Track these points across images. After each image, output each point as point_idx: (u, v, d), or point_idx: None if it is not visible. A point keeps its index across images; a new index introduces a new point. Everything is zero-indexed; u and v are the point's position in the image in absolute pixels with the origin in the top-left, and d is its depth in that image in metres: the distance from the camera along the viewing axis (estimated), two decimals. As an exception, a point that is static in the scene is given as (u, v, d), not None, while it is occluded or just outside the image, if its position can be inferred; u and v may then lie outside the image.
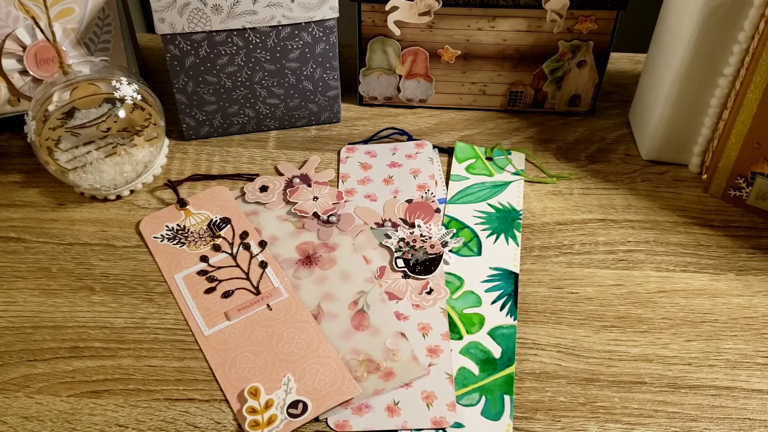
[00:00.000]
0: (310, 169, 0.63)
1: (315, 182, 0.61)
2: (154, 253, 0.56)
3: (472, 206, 0.59)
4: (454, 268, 0.54)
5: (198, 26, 0.59)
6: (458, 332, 0.51)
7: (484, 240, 0.56)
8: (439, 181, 0.61)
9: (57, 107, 0.56)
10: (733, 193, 0.59)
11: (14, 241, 0.57)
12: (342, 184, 0.62)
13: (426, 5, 0.63)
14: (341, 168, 0.63)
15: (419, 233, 0.57)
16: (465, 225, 0.58)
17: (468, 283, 0.53)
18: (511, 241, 0.56)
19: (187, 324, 0.51)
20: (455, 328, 0.51)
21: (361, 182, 0.62)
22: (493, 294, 0.53)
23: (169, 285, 0.54)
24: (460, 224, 0.58)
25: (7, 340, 0.50)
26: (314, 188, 0.61)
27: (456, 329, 0.51)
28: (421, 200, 0.59)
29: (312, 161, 0.64)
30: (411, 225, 0.57)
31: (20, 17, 0.60)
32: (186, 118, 0.65)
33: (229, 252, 0.56)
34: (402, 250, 0.55)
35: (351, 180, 0.62)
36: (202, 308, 0.52)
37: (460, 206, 0.59)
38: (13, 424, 0.46)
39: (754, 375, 0.48)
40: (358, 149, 0.65)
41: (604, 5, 0.62)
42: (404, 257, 0.55)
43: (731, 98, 0.57)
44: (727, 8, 0.54)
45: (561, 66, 0.66)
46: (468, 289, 0.53)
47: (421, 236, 0.56)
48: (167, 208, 0.60)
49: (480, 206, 0.59)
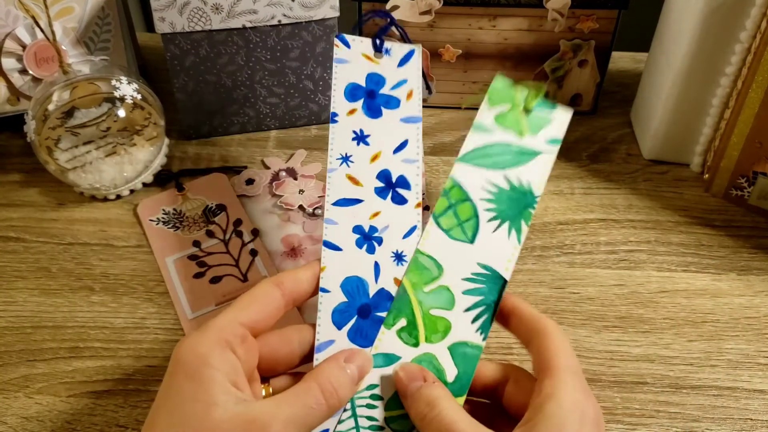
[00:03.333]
0: (297, 162, 0.63)
1: (301, 176, 0.62)
2: (148, 236, 0.57)
3: (485, 172, 0.45)
4: (436, 251, 0.43)
5: (198, 25, 0.59)
6: (416, 337, 0.40)
7: (483, 223, 0.44)
8: (416, 91, 0.47)
9: (57, 106, 0.56)
10: (735, 193, 0.59)
11: (14, 241, 0.57)
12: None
13: (427, 4, 0.63)
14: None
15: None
16: (469, 197, 0.44)
17: (447, 276, 0.42)
18: (514, 236, 0.44)
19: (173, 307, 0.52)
20: (413, 330, 0.41)
21: None
22: (471, 299, 0.42)
23: (159, 267, 0.54)
24: (464, 194, 0.44)
25: (7, 340, 0.50)
26: (300, 181, 0.61)
27: (414, 332, 0.41)
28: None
29: (298, 155, 0.64)
30: None
31: (20, 16, 0.60)
32: (186, 118, 0.65)
33: (222, 238, 0.56)
34: None
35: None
36: (189, 292, 0.53)
37: (473, 168, 0.45)
38: (12, 424, 0.45)
39: (756, 375, 0.48)
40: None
41: (606, 4, 0.62)
42: None
43: (733, 97, 0.56)
44: (729, 7, 0.53)
45: (562, 65, 0.66)
46: (444, 284, 0.42)
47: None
48: (165, 192, 0.61)
49: (494, 176, 0.45)
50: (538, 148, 0.46)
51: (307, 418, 0.34)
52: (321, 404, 0.35)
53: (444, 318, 0.41)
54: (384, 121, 0.46)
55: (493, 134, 0.46)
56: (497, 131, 0.46)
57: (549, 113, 0.47)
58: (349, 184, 0.44)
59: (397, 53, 0.48)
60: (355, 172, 0.44)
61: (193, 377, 0.33)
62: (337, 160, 0.44)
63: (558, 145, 0.46)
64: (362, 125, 0.45)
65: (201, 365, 0.33)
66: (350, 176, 0.44)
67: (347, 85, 0.46)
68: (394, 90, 0.47)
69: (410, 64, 0.47)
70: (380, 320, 0.41)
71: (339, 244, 0.42)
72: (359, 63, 0.47)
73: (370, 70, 0.47)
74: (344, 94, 0.46)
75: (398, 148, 0.45)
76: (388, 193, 0.44)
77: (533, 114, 0.47)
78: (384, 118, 0.46)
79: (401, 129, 0.46)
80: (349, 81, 0.46)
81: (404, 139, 0.45)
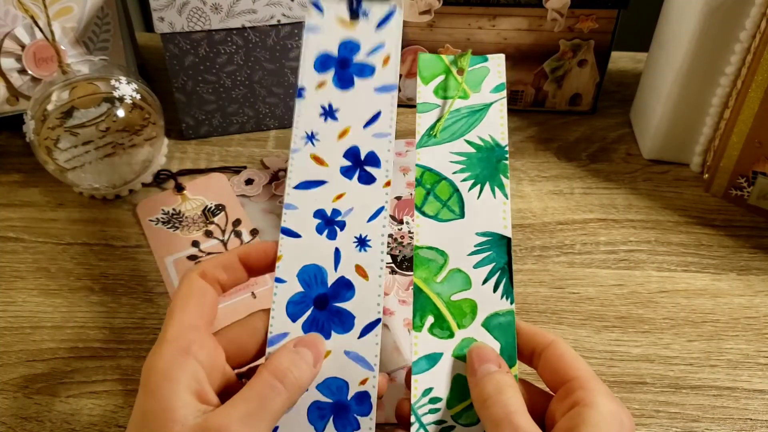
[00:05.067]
0: None
1: None
2: (147, 236, 0.57)
3: (447, 146, 0.44)
4: (434, 240, 0.42)
5: (197, 25, 0.59)
6: (448, 328, 0.39)
7: (465, 194, 0.43)
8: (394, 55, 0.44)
9: (56, 106, 0.56)
10: (734, 193, 0.59)
11: (13, 241, 0.57)
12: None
13: (426, 4, 0.63)
14: None
15: (407, 230, 0.57)
16: (442, 176, 0.43)
17: (453, 259, 0.41)
18: (499, 193, 0.42)
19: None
20: (443, 322, 0.40)
21: None
22: (484, 270, 0.41)
23: (158, 267, 0.54)
24: (437, 175, 0.43)
25: (6, 341, 0.50)
26: None
27: (445, 324, 0.40)
28: (410, 197, 0.59)
29: None
30: (399, 222, 0.57)
31: (19, 16, 0.60)
32: (185, 118, 0.65)
33: (221, 239, 0.56)
34: (390, 246, 0.55)
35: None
36: None
37: (433, 149, 0.44)
38: (12, 424, 0.45)
39: (756, 375, 0.48)
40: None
41: (605, 4, 0.62)
42: (392, 253, 0.55)
43: (733, 97, 0.56)
44: (729, 7, 0.53)
45: (562, 65, 0.66)
46: (454, 267, 0.41)
47: (409, 233, 0.56)
48: (165, 192, 0.61)
49: (456, 146, 0.44)
50: (486, 101, 0.45)
51: (266, 406, 0.33)
52: (276, 387, 0.34)
53: (467, 299, 0.40)
54: (356, 92, 0.43)
55: (439, 108, 0.45)
56: (442, 102, 0.45)
57: (483, 65, 0.47)
58: (313, 164, 0.41)
59: (376, 14, 0.44)
60: (321, 150, 0.42)
61: (153, 394, 0.33)
62: (302, 139, 0.42)
63: (503, 90, 0.45)
64: (331, 99, 0.42)
65: (161, 380, 0.33)
66: (315, 156, 0.42)
67: (318, 55, 0.43)
68: (370, 56, 0.43)
69: (390, 26, 0.44)
70: (338, 311, 0.39)
71: (298, 230, 0.40)
72: (332, 30, 0.43)
73: (344, 37, 0.43)
74: (314, 65, 0.43)
75: (370, 121, 0.42)
76: (355, 172, 0.41)
77: (469, 72, 0.46)
78: (356, 89, 0.43)
79: (374, 99, 0.42)
80: (319, 51, 0.43)
81: (377, 110, 0.42)
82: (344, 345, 0.38)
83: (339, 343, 0.38)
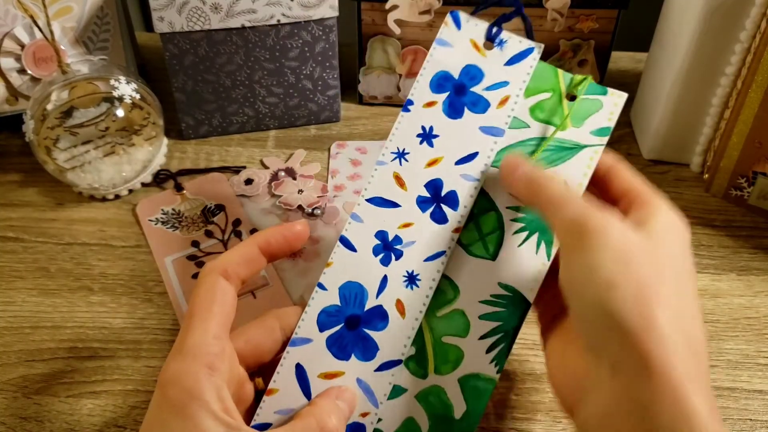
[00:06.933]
0: (296, 162, 0.63)
1: (300, 175, 0.61)
2: (147, 236, 0.57)
3: None
4: (452, 270, 0.38)
5: (197, 25, 0.59)
6: (425, 367, 0.37)
7: (508, 237, 0.38)
8: (513, 98, 0.40)
9: (55, 106, 0.56)
10: (734, 193, 0.59)
11: (12, 241, 0.57)
12: (331, 179, 0.61)
13: (426, 4, 0.63)
14: (331, 163, 0.63)
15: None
16: (493, 206, 0.38)
17: (463, 299, 0.38)
18: (543, 250, 0.37)
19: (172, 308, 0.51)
20: (423, 360, 0.37)
21: (350, 178, 0.61)
22: (488, 325, 0.37)
23: (158, 267, 0.54)
24: (488, 202, 0.39)
25: (6, 341, 0.50)
26: (299, 181, 0.61)
27: (423, 362, 0.37)
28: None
29: (297, 155, 0.64)
30: None
31: (18, 16, 0.60)
32: (185, 117, 0.65)
33: (220, 239, 0.56)
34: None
35: (340, 176, 0.62)
36: (188, 292, 0.52)
37: (498, 173, 0.39)
38: (11, 424, 0.45)
39: (756, 375, 0.48)
40: (348, 145, 0.64)
41: (606, 4, 0.62)
42: None
43: (733, 97, 0.56)
44: (729, 7, 0.53)
45: (562, 65, 0.66)
46: (458, 308, 0.38)
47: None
48: (164, 192, 0.60)
49: None
50: (581, 141, 0.39)
51: None
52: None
53: (456, 346, 0.37)
54: (462, 123, 0.40)
55: (529, 128, 0.40)
56: (533, 125, 0.39)
57: (598, 98, 0.40)
58: (393, 183, 0.39)
59: (511, 48, 0.41)
60: (405, 172, 0.39)
61: (180, 413, 0.32)
62: (392, 153, 0.39)
63: (607, 136, 0.39)
64: (435, 122, 0.40)
65: (188, 399, 0.32)
66: (397, 175, 0.39)
67: (437, 72, 0.40)
68: (488, 91, 0.40)
69: (520, 66, 0.40)
70: (365, 337, 0.37)
71: (355, 245, 0.38)
72: (462, 49, 0.41)
73: (470, 61, 0.40)
74: (430, 81, 0.40)
75: (464, 159, 0.39)
76: (431, 206, 0.39)
77: (578, 101, 0.39)
78: (463, 121, 0.40)
79: (477, 138, 0.39)
80: (440, 68, 0.40)
81: (475, 150, 0.39)
82: (359, 372, 0.37)
83: (354, 369, 0.37)
